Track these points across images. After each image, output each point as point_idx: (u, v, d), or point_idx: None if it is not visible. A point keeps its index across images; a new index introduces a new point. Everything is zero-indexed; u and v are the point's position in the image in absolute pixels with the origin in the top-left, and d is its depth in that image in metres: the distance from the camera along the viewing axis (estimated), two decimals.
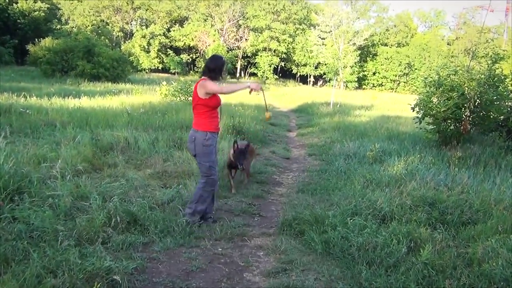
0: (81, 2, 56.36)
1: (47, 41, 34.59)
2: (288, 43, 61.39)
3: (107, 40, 48.76)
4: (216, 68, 5.85)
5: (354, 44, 29.31)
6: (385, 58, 63.98)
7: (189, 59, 59.89)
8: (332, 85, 31.62)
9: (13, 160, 6.15)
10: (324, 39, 31.76)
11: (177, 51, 59.85)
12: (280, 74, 66.98)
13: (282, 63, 64.15)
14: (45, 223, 4.83)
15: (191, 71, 59.06)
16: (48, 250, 4.32)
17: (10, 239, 4.46)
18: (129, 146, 9.32)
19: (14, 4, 49.11)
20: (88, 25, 55.25)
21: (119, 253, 4.74)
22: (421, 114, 11.01)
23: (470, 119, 10.62)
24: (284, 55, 62.52)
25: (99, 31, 51.74)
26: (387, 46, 67.11)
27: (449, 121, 10.74)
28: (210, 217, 6.08)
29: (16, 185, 5.63)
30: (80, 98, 16.42)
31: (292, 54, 63.12)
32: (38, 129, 10.25)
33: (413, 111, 11.27)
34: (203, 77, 5.82)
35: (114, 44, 53.34)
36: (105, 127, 10.67)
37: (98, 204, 5.47)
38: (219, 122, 5.96)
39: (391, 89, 64.14)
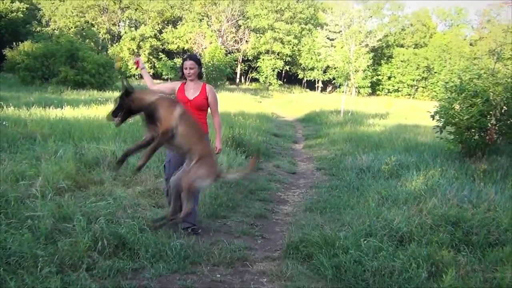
0: (64, 1, 56.67)
1: (26, 45, 34.66)
2: (293, 45, 61.57)
3: (92, 44, 48.88)
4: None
5: (367, 45, 29.55)
6: (401, 61, 64.04)
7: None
8: (343, 91, 31.70)
9: None
10: (333, 40, 32.01)
11: (170, 54, 59.98)
12: (285, 80, 67.22)
13: (287, 67, 64.40)
14: (23, 247, 4.79)
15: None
16: (27, 277, 4.31)
17: None
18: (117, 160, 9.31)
19: None
20: (72, 27, 55.59)
21: (105, 280, 4.72)
22: (442, 123, 11.01)
23: (496, 127, 10.61)
24: (289, 59, 62.73)
25: (84, 34, 51.89)
26: (403, 47, 67.18)
27: (473, 130, 10.71)
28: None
29: None
30: (62, 107, 16.41)
31: (297, 57, 63.31)
32: (16, 142, 10.17)
33: (433, 119, 11.27)
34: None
35: (100, 48, 53.46)
36: (90, 140, 10.64)
37: (83, 226, 5.43)
38: None
39: (408, 95, 64.17)
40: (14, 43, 36.30)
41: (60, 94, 25.11)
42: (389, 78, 64.68)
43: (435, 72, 62.73)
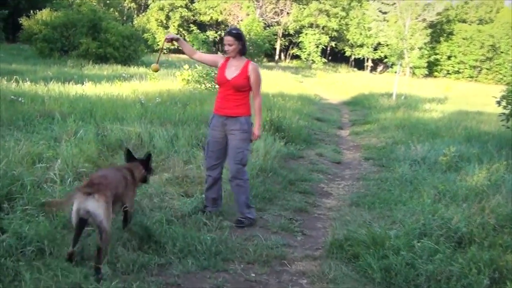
0: None
1: (44, 14, 34.98)
2: (341, 18, 61.18)
3: (116, 13, 49.27)
4: None
5: (424, 20, 28.96)
6: (463, 38, 63.09)
7: (216, 37, 60.15)
8: (395, 72, 31.32)
9: (2, 159, 6.25)
10: (386, 13, 31.43)
11: (202, 27, 60.18)
12: (330, 57, 66.91)
13: (333, 44, 64.10)
14: (40, 237, 4.88)
15: (218, 52, 59.24)
16: (43, 270, 4.39)
17: None
18: (143, 144, 9.39)
19: None
20: None
21: (128, 276, 4.76)
22: (509, 110, 10.84)
23: None
24: (335, 34, 62.36)
25: (107, 2, 52.29)
26: (466, 23, 66.19)
27: None
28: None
29: (5, 190, 5.70)
30: (83, 84, 16.61)
31: (345, 32, 62.93)
32: (32, 121, 10.34)
33: (499, 105, 11.11)
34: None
35: (125, 18, 53.88)
36: (114, 120, 10.75)
37: None
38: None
39: (471, 77, 63.27)
40: (31, 11, 36.63)
41: (81, 68, 25.38)
42: (449, 57, 63.85)
43: (502, 52, 61.69)
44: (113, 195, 4.83)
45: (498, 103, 11.06)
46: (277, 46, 62.11)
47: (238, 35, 6.51)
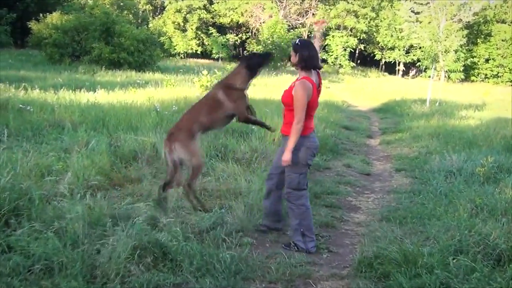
0: None
1: (54, 17, 35.42)
2: (370, 19, 61.22)
3: (131, 16, 49.74)
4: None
5: (460, 20, 28.84)
6: (503, 40, 62.72)
7: (237, 40, 60.34)
8: (429, 76, 31.22)
9: (10, 172, 6.30)
10: (418, 13, 31.35)
11: (222, 29, 60.45)
12: (359, 61, 66.90)
13: (362, 46, 64.06)
14: (48, 254, 4.92)
15: (239, 56, 59.42)
16: None
17: (4, 274, 4.57)
18: (158, 155, 9.43)
19: None
20: None
21: None
22: None
23: None
24: (364, 36, 62.41)
25: (121, 4, 52.76)
26: (505, 23, 65.72)
27: None
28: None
29: (12, 205, 5.73)
30: (95, 91, 16.74)
31: (375, 34, 62.93)
32: (41, 131, 10.45)
33: None
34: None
35: (140, 21, 54.37)
36: (127, 130, 10.81)
37: (117, 232, 5.52)
38: None
39: (510, 81, 62.76)
40: (40, 15, 37.01)
41: (93, 75, 25.62)
42: (487, 60, 63.50)
43: None
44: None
45: None
46: None
47: (295, 46, 6.43)
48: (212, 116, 7.03)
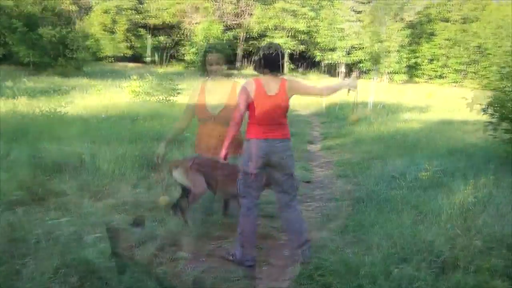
0: None
1: None
2: (310, 19, 61.52)
3: (55, 17, 48.92)
4: None
5: (402, 19, 29.36)
6: (446, 39, 64.00)
7: (169, 42, 60.04)
8: (371, 78, 31.64)
9: None
10: (360, 13, 31.84)
11: (153, 31, 60.09)
12: (299, 63, 67.15)
13: (301, 47, 64.32)
14: None
15: (172, 60, 59.08)
16: None
17: None
18: (84, 166, 9.33)
19: None
20: None
21: None
22: (495, 118, 10.96)
23: None
24: (303, 36, 62.68)
25: (44, 4, 51.91)
26: (449, 22, 67.11)
27: None
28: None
29: None
30: (15, 98, 16.45)
31: (315, 34, 63.26)
32: None
33: (485, 113, 11.23)
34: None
35: (64, 23, 53.53)
36: (51, 140, 10.68)
37: (39, 249, 5.44)
38: None
39: (455, 82, 64.13)
40: None
41: (12, 80, 25.10)
42: (431, 61, 64.67)
43: (489, 54, 62.56)
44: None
45: (484, 110, 11.18)
46: (239, 52, 62.29)
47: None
48: None
